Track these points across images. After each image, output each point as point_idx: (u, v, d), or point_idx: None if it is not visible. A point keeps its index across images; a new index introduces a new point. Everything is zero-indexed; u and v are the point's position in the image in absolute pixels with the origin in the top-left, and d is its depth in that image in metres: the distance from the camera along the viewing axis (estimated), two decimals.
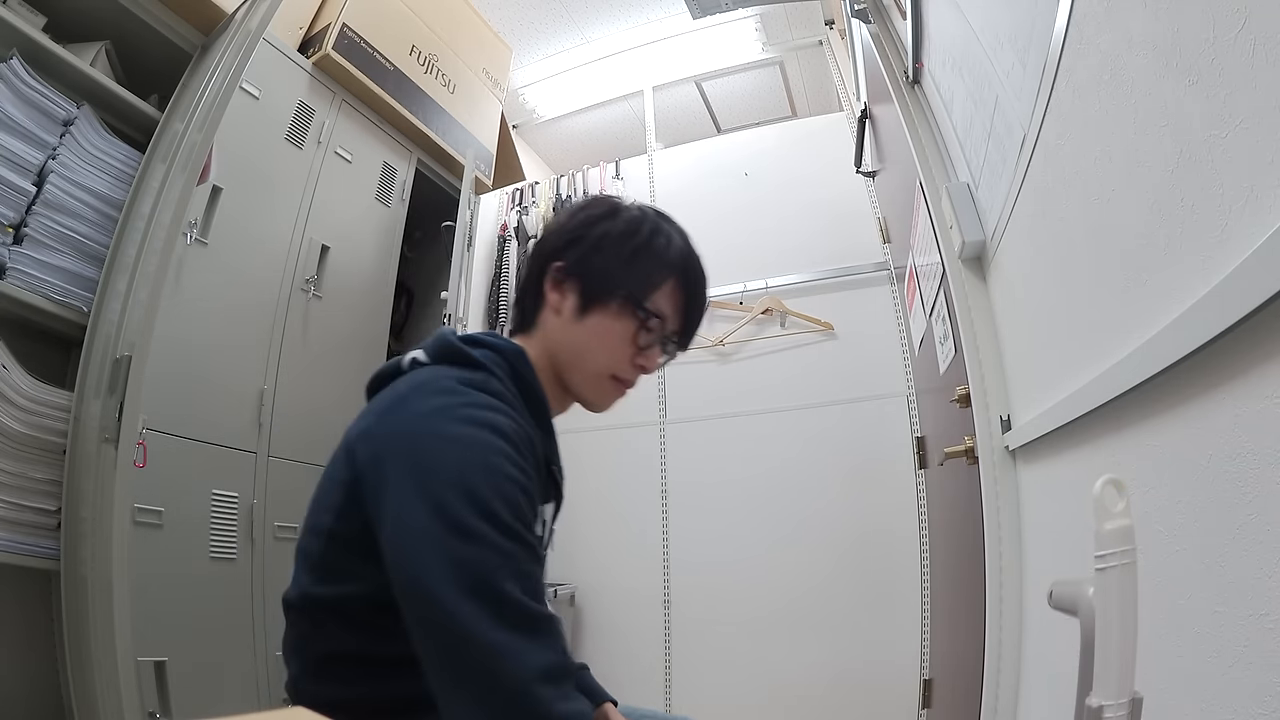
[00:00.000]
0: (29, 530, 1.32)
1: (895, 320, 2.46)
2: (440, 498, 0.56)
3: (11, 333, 1.36)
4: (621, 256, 0.75)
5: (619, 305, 0.74)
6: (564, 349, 0.76)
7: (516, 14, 3.00)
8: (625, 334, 0.75)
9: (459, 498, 0.56)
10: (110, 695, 1.27)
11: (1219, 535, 0.56)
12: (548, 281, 0.77)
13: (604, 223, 0.77)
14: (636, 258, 0.75)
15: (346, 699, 0.67)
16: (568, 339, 0.76)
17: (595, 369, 0.76)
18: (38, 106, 1.43)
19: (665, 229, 0.78)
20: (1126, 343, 0.70)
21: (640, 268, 0.75)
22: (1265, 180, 0.47)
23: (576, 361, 0.76)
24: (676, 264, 0.77)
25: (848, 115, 2.75)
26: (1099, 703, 0.41)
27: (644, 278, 0.75)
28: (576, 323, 0.75)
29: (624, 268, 0.74)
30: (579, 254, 0.76)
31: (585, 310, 0.75)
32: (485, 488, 0.57)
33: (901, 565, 2.26)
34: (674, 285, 0.77)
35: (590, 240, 0.76)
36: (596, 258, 0.75)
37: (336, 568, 0.66)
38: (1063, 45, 0.81)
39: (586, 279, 0.75)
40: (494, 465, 0.59)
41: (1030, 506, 1.19)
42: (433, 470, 0.58)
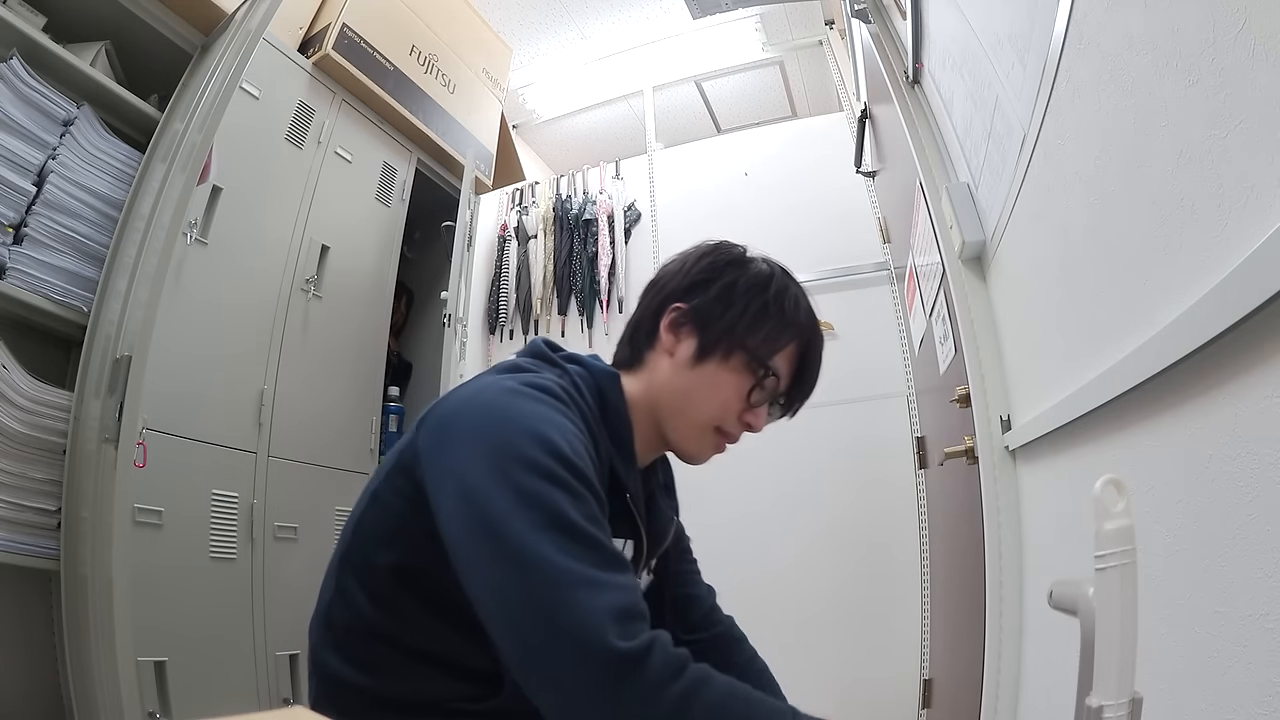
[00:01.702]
0: (29, 530, 1.31)
1: (895, 320, 2.46)
2: (510, 440, 0.56)
3: (11, 333, 1.36)
4: (750, 310, 0.73)
5: (740, 359, 0.72)
6: (672, 394, 0.74)
7: (516, 14, 3.00)
8: (739, 389, 0.73)
9: (529, 440, 0.56)
10: (110, 695, 1.27)
11: (1219, 535, 0.56)
12: (664, 322, 0.75)
13: (731, 271, 0.75)
14: (765, 313, 0.73)
15: (367, 688, 0.66)
16: (677, 384, 0.74)
17: (702, 419, 0.74)
18: (38, 106, 1.43)
19: (794, 289, 0.77)
20: (1126, 343, 0.70)
21: (767, 324, 0.73)
22: (1265, 180, 0.47)
23: (683, 408, 0.74)
24: (805, 328, 0.76)
25: (848, 115, 2.75)
26: (1099, 703, 0.41)
27: (769, 335, 0.73)
28: (690, 369, 0.73)
29: (750, 322, 0.72)
30: (703, 300, 0.74)
31: (701, 359, 0.73)
32: (555, 435, 0.57)
33: (901, 565, 2.26)
34: (794, 350, 0.76)
35: (717, 288, 0.74)
36: (721, 307, 0.73)
37: (370, 530, 0.66)
38: (1063, 45, 0.81)
39: (707, 327, 0.73)
40: (562, 424, 0.59)
41: (1030, 506, 1.19)
42: (501, 423, 0.58)
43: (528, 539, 0.52)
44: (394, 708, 0.66)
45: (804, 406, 0.84)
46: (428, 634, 0.65)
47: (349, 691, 0.67)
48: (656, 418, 0.75)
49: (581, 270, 2.97)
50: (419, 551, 0.62)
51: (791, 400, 0.79)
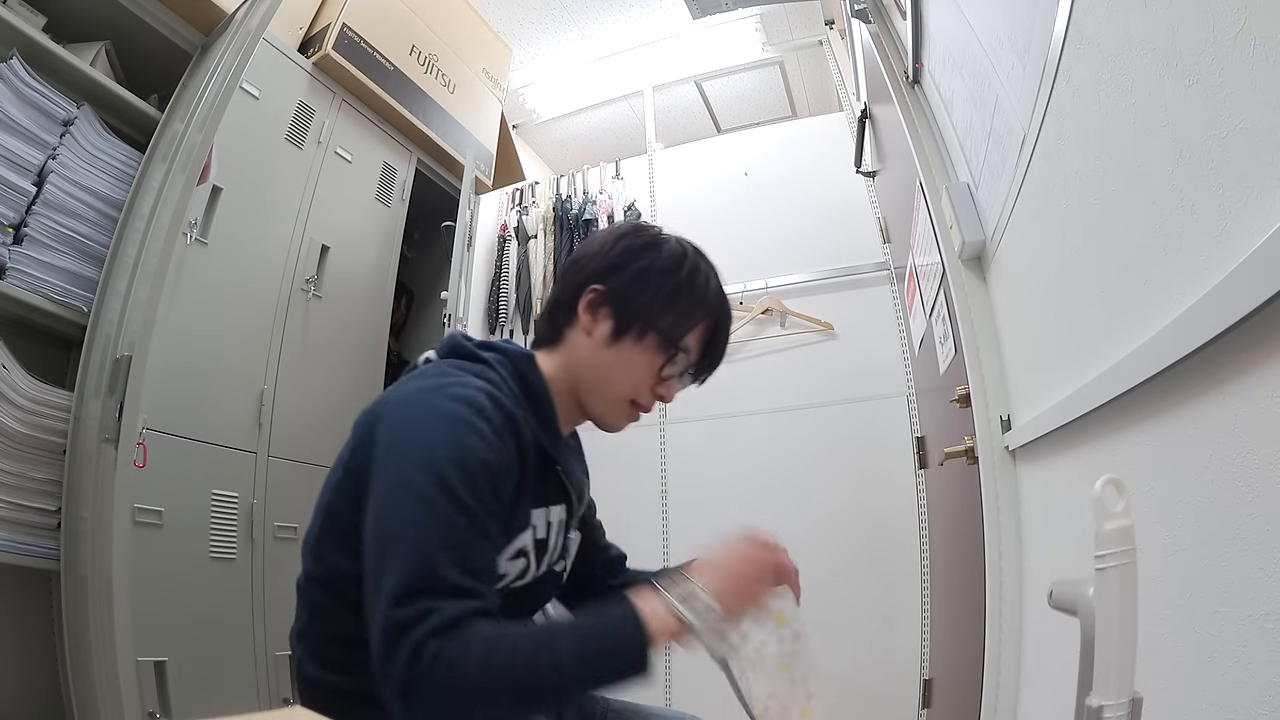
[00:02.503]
0: (29, 530, 1.31)
1: (895, 320, 2.46)
2: (410, 473, 0.62)
3: (11, 333, 1.36)
4: (663, 292, 0.77)
5: (653, 339, 0.77)
6: (589, 370, 0.79)
7: (516, 14, 2.99)
8: (652, 365, 0.77)
9: (425, 473, 0.61)
10: (110, 695, 1.27)
11: (1219, 535, 0.56)
12: (583, 303, 0.78)
13: (647, 254, 0.78)
14: (677, 295, 0.77)
15: (348, 689, 0.69)
16: (595, 361, 0.78)
17: (618, 393, 0.79)
18: (38, 106, 1.43)
19: (704, 268, 0.81)
20: (1127, 343, 0.70)
21: (679, 306, 0.77)
22: (1265, 180, 0.47)
23: (600, 384, 0.79)
24: (714, 307, 0.80)
25: (848, 115, 2.75)
26: (1099, 703, 0.41)
27: (681, 316, 0.77)
28: (606, 348, 0.77)
29: (663, 304, 0.77)
30: (619, 283, 0.77)
31: (618, 338, 0.77)
32: (451, 464, 0.62)
33: (901, 565, 2.26)
34: (704, 329, 0.80)
35: (632, 271, 0.78)
36: (636, 289, 0.77)
37: (331, 544, 0.70)
38: (1063, 45, 0.81)
39: (624, 308, 0.77)
40: (467, 442, 0.64)
41: (1030, 506, 1.19)
42: (410, 440, 0.64)
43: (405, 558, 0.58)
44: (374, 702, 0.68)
45: (804, 406, 0.87)
46: None
47: (334, 694, 0.70)
48: (575, 392, 0.80)
49: None
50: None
51: (700, 372, 0.84)
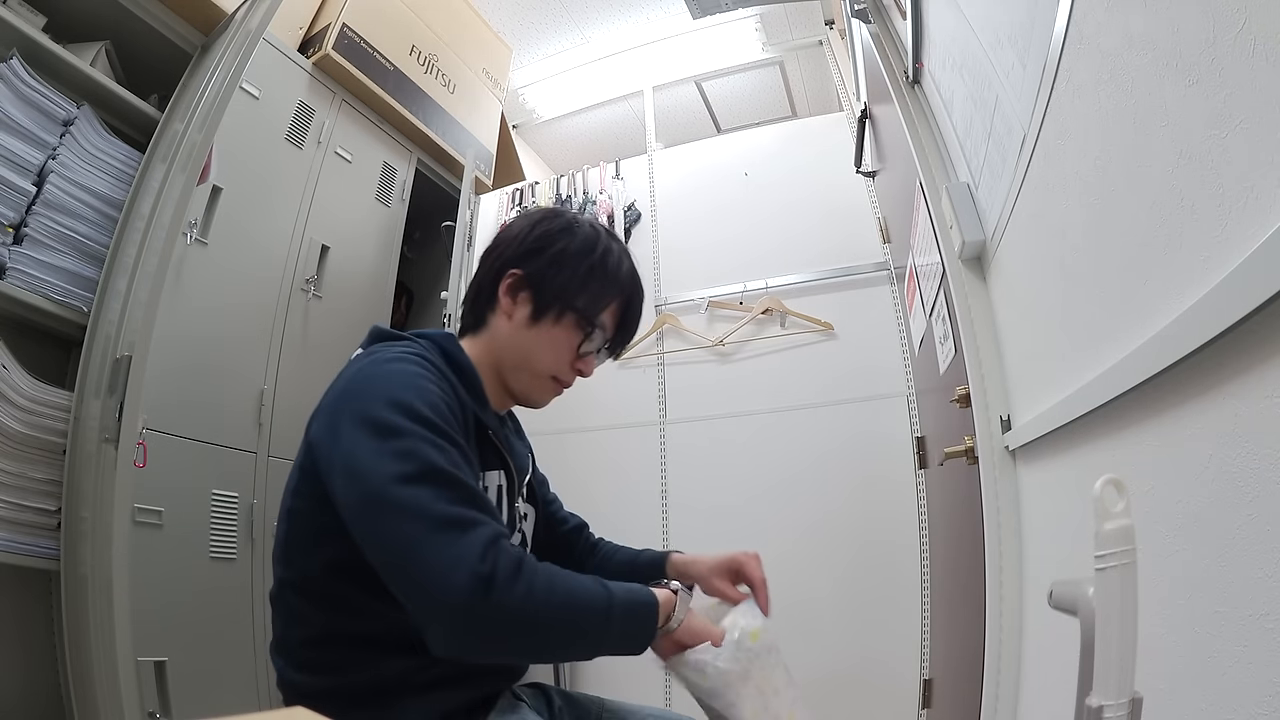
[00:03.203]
0: (29, 530, 1.32)
1: (895, 320, 2.45)
2: (373, 414, 0.63)
3: (11, 333, 1.36)
4: (578, 274, 0.81)
5: (570, 319, 0.81)
6: (512, 352, 0.83)
7: (516, 14, 2.99)
8: (570, 343, 0.82)
9: (393, 409, 0.63)
10: (110, 695, 1.27)
11: (1219, 535, 0.56)
12: (503, 287, 0.82)
13: (562, 238, 0.83)
14: (591, 276, 0.82)
15: (331, 689, 0.71)
16: (516, 343, 0.82)
17: (539, 370, 0.83)
18: (38, 106, 1.43)
19: (615, 249, 0.86)
20: (1126, 343, 0.70)
21: (593, 286, 0.82)
22: (1265, 180, 0.47)
23: (522, 363, 0.83)
24: (626, 285, 0.86)
25: (848, 115, 2.75)
26: (1099, 703, 0.41)
27: (595, 295, 0.82)
28: (526, 329, 0.81)
29: (579, 285, 0.81)
30: (536, 266, 0.82)
31: (537, 319, 0.81)
32: (414, 399, 0.64)
33: (901, 565, 2.26)
34: (618, 306, 0.85)
35: (549, 255, 0.82)
36: (553, 272, 0.81)
37: (296, 545, 0.72)
38: (1063, 45, 0.81)
39: (541, 291, 0.81)
40: (418, 384, 0.66)
41: (1030, 506, 1.19)
42: (364, 397, 0.65)
43: (405, 496, 0.59)
44: (357, 700, 0.70)
45: (804, 406, 0.90)
46: (372, 617, 0.70)
47: (316, 697, 0.71)
48: (499, 372, 0.84)
49: None
50: (347, 541, 0.65)
51: (615, 347, 0.89)
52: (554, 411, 0.94)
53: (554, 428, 2.46)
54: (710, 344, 2.65)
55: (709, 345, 2.66)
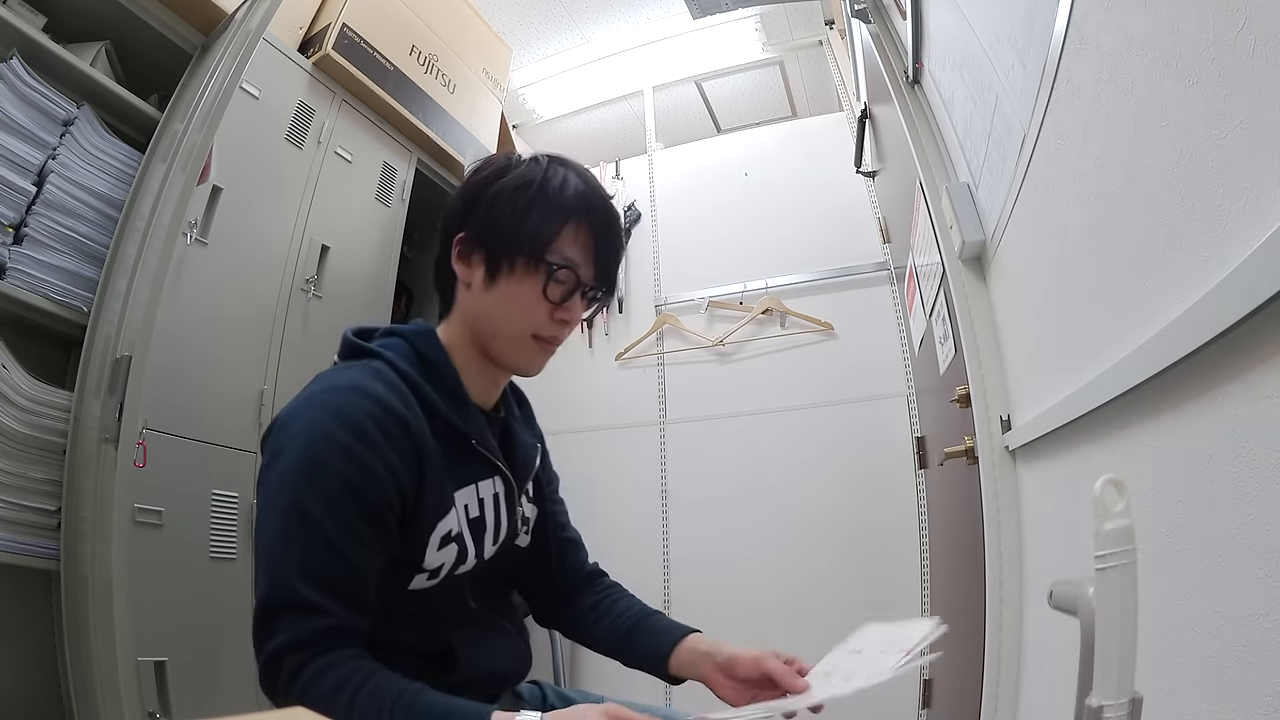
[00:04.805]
0: (29, 530, 1.31)
1: (895, 320, 2.46)
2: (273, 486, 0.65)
3: (11, 333, 1.36)
4: (516, 211, 0.71)
5: (524, 263, 0.71)
6: (480, 320, 0.75)
7: (516, 14, 2.99)
8: (535, 291, 0.71)
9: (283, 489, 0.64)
10: (110, 695, 1.27)
11: (1219, 535, 0.56)
12: (454, 255, 0.75)
13: (495, 180, 0.73)
14: (531, 208, 0.71)
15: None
16: (482, 309, 0.74)
17: (514, 332, 0.74)
18: (38, 106, 1.43)
19: (560, 172, 0.74)
20: (1127, 342, 0.70)
21: (534, 217, 0.71)
22: (1265, 180, 0.47)
23: (495, 328, 0.74)
24: (573, 205, 0.72)
25: (848, 115, 2.75)
26: (1099, 703, 0.41)
27: (540, 229, 0.71)
28: (487, 291, 0.73)
29: (519, 222, 0.71)
30: (476, 219, 0.73)
31: (494, 276, 0.72)
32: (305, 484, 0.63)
33: (901, 565, 2.26)
34: (576, 228, 0.73)
35: (484, 201, 0.73)
36: (491, 217, 0.72)
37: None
38: (1063, 45, 0.81)
39: (488, 244, 0.72)
40: (320, 458, 0.64)
41: (1030, 506, 1.19)
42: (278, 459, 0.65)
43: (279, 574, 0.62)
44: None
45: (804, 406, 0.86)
46: (384, 633, 0.69)
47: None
48: (481, 347, 0.76)
49: None
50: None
51: (600, 284, 0.76)
52: (554, 411, 0.94)
53: (554, 428, 2.46)
54: (710, 344, 2.65)
55: (709, 345, 2.66)
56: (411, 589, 0.71)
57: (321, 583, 0.61)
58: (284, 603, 0.61)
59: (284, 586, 0.61)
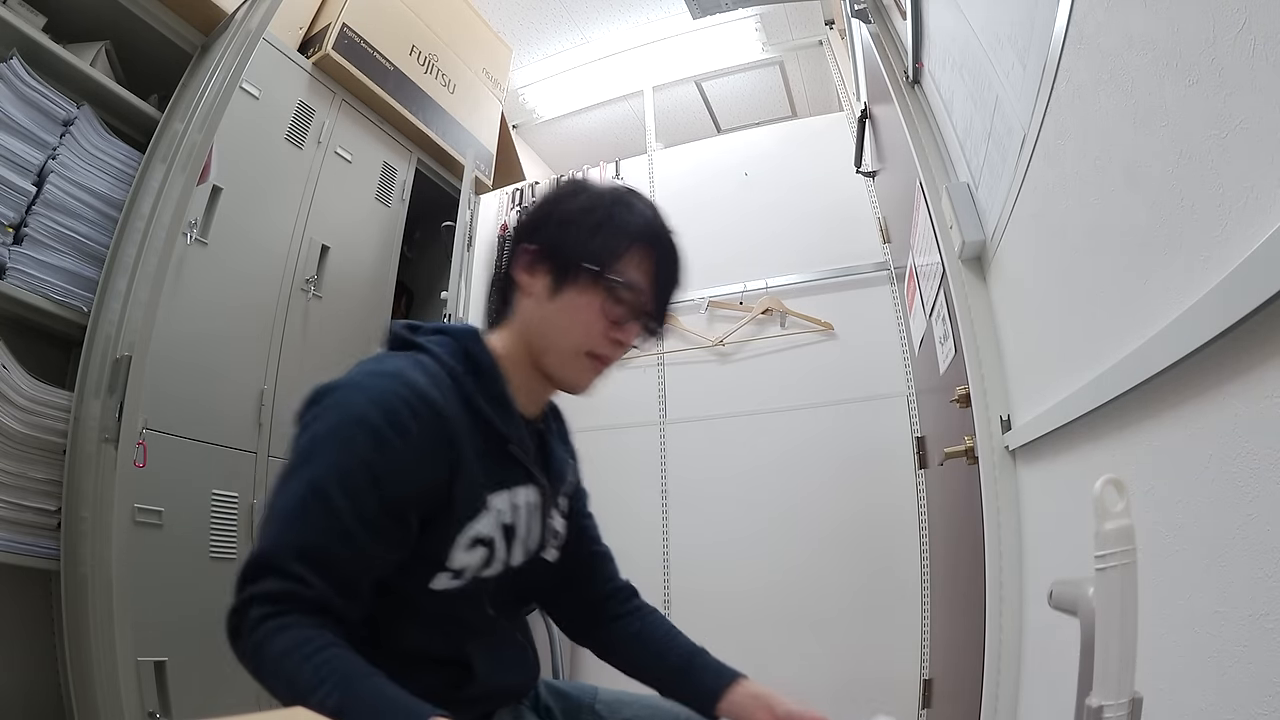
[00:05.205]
0: (29, 530, 1.32)
1: (895, 320, 2.46)
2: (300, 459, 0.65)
3: (11, 333, 1.36)
4: (585, 229, 0.74)
5: (587, 278, 0.73)
6: (538, 329, 0.76)
7: (516, 14, 2.99)
8: (595, 307, 0.74)
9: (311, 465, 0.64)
10: (110, 695, 1.27)
11: (1219, 535, 0.56)
12: (518, 265, 0.77)
13: (567, 200, 0.77)
14: (599, 228, 0.74)
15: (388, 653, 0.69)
16: (541, 318, 0.76)
17: (570, 346, 0.75)
18: (38, 106, 1.43)
19: (630, 201, 0.78)
20: (1127, 342, 0.70)
21: (602, 236, 0.74)
22: (1265, 180, 0.47)
23: (551, 340, 0.76)
24: (641, 232, 0.76)
25: (848, 115, 2.75)
26: (1099, 703, 0.41)
27: (607, 247, 0.74)
28: (549, 301, 0.75)
29: (587, 239, 0.74)
30: (546, 234, 0.76)
31: (557, 289, 0.75)
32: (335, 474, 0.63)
33: (902, 565, 2.26)
34: (641, 254, 0.75)
35: (555, 218, 0.76)
36: (561, 234, 0.75)
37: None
38: (1063, 45, 0.81)
39: (554, 257, 0.75)
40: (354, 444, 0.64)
41: (1030, 506, 1.19)
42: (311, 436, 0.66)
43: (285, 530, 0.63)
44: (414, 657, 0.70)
45: (804, 406, 0.85)
46: (399, 635, 0.69)
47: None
48: (533, 358, 0.77)
49: None
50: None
51: (657, 312, 0.78)
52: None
53: None
54: (710, 344, 2.65)
55: (709, 345, 2.66)
56: (432, 588, 0.70)
57: (319, 563, 0.61)
58: (275, 568, 0.61)
59: (281, 555, 0.61)
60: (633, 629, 0.89)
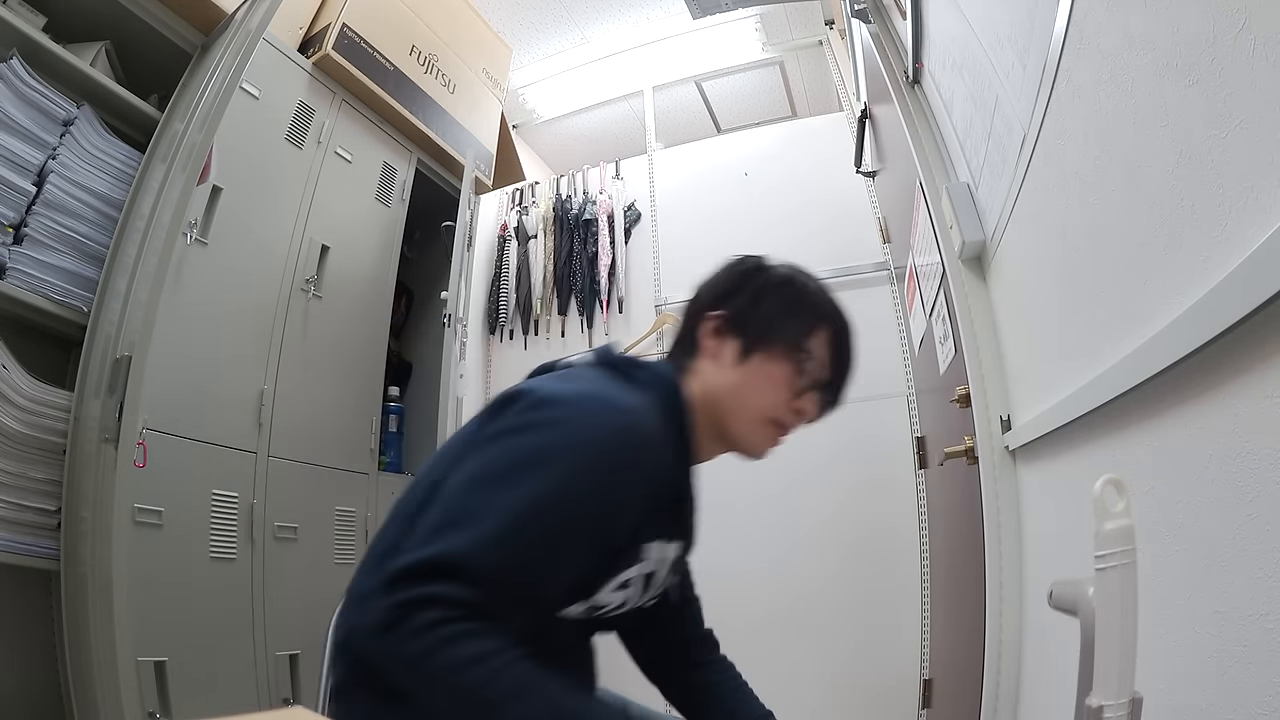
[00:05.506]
0: (29, 530, 1.31)
1: (895, 320, 2.46)
2: (538, 457, 0.61)
3: (11, 333, 1.36)
4: (782, 303, 0.79)
5: (780, 349, 0.77)
6: (725, 393, 0.78)
7: (516, 14, 2.99)
8: (784, 376, 0.77)
9: (548, 487, 0.59)
10: (110, 695, 1.27)
11: (1219, 535, 0.56)
12: (705, 330, 0.80)
13: (757, 275, 0.82)
14: (794, 305, 0.79)
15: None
16: (729, 383, 0.78)
17: (758, 411, 0.78)
18: (38, 106, 1.43)
19: (814, 283, 0.83)
20: (1127, 342, 0.70)
21: (797, 313, 0.79)
22: (1265, 180, 0.47)
23: (739, 404, 0.78)
24: (829, 312, 0.81)
25: (848, 115, 2.75)
26: (1099, 703, 0.41)
27: (802, 322, 0.79)
28: (737, 367, 0.77)
29: (784, 314, 0.79)
30: (738, 304, 0.80)
31: (746, 355, 0.78)
32: (566, 494, 0.60)
33: (901, 565, 2.26)
34: (828, 335, 0.80)
35: (748, 292, 0.80)
36: (754, 307, 0.79)
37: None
38: (1063, 45, 0.81)
39: (747, 326, 0.78)
40: (598, 469, 0.62)
41: (1030, 506, 1.19)
42: (545, 431, 0.62)
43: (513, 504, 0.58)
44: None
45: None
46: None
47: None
48: (711, 420, 0.78)
49: (581, 270, 2.97)
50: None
51: (834, 386, 0.82)
52: None
53: None
54: None
55: None
56: (560, 615, 0.68)
57: (516, 585, 0.58)
58: (469, 575, 0.55)
59: (481, 564, 0.55)
60: (710, 679, 0.91)
